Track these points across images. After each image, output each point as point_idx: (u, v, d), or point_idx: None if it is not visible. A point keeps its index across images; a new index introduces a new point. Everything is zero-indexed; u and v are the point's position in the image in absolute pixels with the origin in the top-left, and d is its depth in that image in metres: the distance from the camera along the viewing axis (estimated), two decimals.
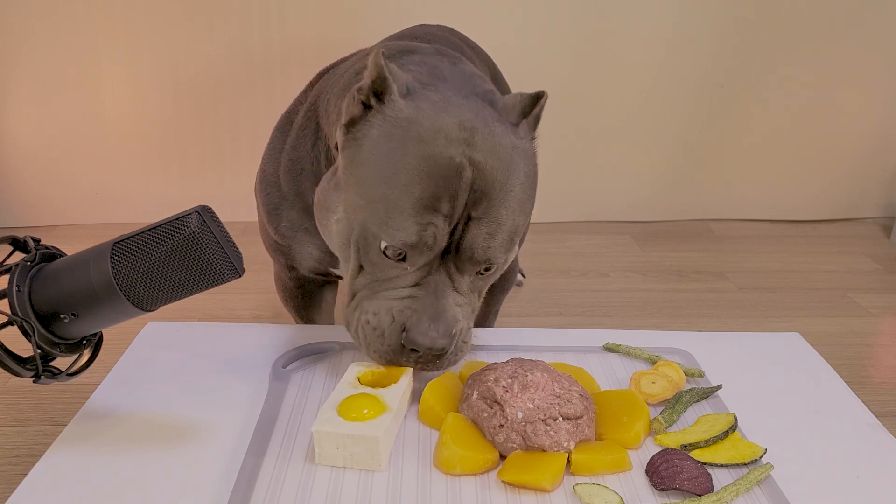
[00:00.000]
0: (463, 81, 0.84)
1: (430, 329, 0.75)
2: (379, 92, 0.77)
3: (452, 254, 0.77)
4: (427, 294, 0.76)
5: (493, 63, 1.23)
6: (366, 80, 0.78)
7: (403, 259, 0.76)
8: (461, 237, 0.76)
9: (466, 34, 1.23)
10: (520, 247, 1.11)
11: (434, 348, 0.75)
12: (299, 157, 0.94)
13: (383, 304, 0.77)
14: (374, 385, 0.77)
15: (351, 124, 0.79)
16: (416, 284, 0.77)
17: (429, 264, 0.77)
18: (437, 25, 1.22)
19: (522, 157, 0.79)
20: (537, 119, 0.82)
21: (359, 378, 0.78)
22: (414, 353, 0.76)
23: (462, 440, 0.71)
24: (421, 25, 1.22)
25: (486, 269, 0.79)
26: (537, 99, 0.81)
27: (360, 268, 0.80)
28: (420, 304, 0.76)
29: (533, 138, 0.83)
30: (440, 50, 0.92)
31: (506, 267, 0.84)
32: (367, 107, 0.78)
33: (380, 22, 1.87)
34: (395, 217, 0.74)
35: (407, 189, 0.74)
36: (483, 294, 0.84)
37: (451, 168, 0.74)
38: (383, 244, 0.76)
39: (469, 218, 0.75)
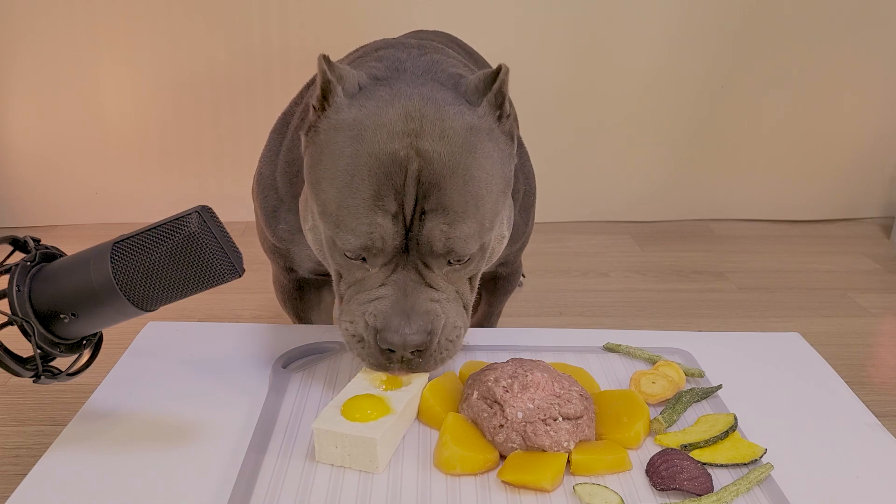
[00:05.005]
0: (425, 69, 0.82)
1: (401, 327, 0.73)
2: (327, 95, 0.77)
3: (415, 249, 0.74)
4: (395, 293, 0.74)
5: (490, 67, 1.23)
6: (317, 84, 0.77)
7: (365, 260, 0.75)
8: (419, 232, 0.73)
9: (465, 37, 1.23)
10: (522, 245, 1.10)
11: (407, 345, 0.73)
12: (295, 158, 0.93)
13: (356, 308, 0.76)
14: (387, 386, 0.77)
15: (308, 130, 0.79)
16: (384, 284, 0.75)
17: (393, 262, 0.75)
18: (434, 31, 1.22)
19: (481, 136, 0.75)
20: (500, 94, 0.77)
21: (370, 379, 0.77)
22: (393, 353, 0.75)
23: (462, 440, 0.71)
24: (417, 31, 1.22)
25: (458, 261, 0.76)
26: (497, 74, 0.77)
27: (339, 274, 0.79)
28: (388, 304, 0.74)
29: (507, 115, 0.79)
30: (420, 44, 0.90)
31: (489, 255, 0.81)
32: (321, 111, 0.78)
33: (380, 24, 1.87)
34: (343, 220, 0.73)
35: (351, 190, 0.73)
36: (475, 285, 0.82)
37: (394, 163, 0.72)
38: (340, 248, 0.75)
39: (423, 211, 0.73)
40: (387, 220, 0.72)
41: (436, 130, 0.73)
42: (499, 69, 0.77)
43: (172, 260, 0.63)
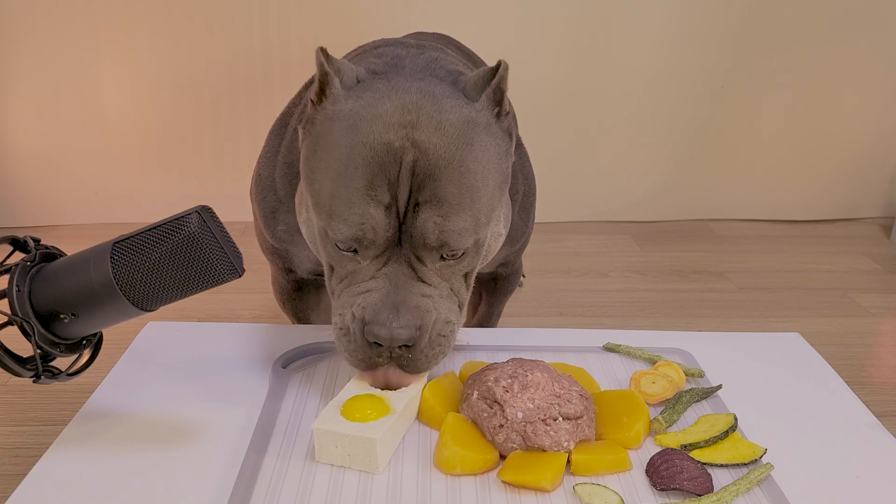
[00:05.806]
0: (424, 66, 0.82)
1: (389, 320, 0.71)
2: (324, 88, 0.77)
3: (408, 242, 0.73)
4: (386, 286, 0.73)
5: None
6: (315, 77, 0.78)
7: (356, 252, 0.74)
8: (412, 224, 0.72)
9: (465, 38, 1.23)
10: (522, 245, 1.10)
11: (395, 339, 0.72)
12: (294, 160, 0.92)
13: (345, 301, 0.76)
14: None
15: (305, 123, 0.79)
16: (375, 277, 0.74)
17: (385, 255, 0.74)
18: (433, 33, 1.22)
19: (478, 129, 0.75)
20: (499, 90, 0.77)
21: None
22: (380, 347, 0.73)
23: (462, 440, 0.71)
24: (416, 33, 1.22)
25: (451, 255, 0.75)
26: (497, 70, 0.77)
27: (332, 268, 0.79)
28: (378, 297, 0.73)
29: (505, 112, 0.79)
30: (419, 43, 0.90)
31: (485, 253, 0.81)
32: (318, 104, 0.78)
33: (379, 24, 1.87)
34: (335, 210, 0.73)
35: (344, 180, 0.72)
36: (471, 284, 0.81)
37: (388, 154, 0.71)
38: (332, 238, 0.75)
39: (418, 202, 0.72)
40: (379, 211, 0.72)
41: (432, 122, 0.73)
42: (498, 66, 0.77)
43: (172, 260, 0.63)
